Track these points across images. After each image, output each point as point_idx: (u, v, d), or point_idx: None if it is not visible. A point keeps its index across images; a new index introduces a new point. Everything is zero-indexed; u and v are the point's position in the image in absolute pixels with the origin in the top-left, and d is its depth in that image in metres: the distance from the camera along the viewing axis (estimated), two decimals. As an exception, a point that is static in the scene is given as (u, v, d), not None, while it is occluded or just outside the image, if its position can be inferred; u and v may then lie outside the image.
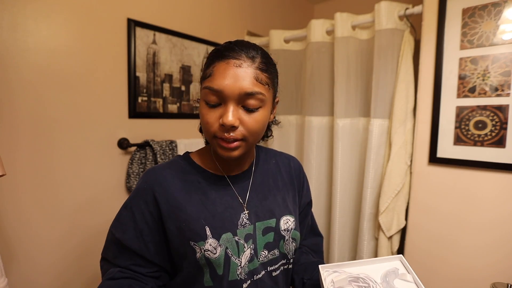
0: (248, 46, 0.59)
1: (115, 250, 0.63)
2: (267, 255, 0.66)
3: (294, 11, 2.22)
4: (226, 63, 0.56)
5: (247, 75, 0.56)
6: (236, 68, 0.56)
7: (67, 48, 1.12)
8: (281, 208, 0.71)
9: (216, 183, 0.66)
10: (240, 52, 0.57)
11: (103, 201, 1.25)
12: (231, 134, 0.57)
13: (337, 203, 1.45)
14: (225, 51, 0.58)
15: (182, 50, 1.49)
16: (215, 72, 0.57)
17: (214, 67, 0.58)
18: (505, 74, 1.06)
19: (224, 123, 0.55)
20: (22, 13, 1.01)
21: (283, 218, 0.70)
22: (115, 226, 0.64)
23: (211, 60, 0.59)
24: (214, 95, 0.57)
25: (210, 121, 0.58)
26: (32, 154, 1.06)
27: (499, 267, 1.09)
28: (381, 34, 1.29)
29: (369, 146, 1.34)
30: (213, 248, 0.60)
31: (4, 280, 0.78)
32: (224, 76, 0.56)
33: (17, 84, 1.02)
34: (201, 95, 0.60)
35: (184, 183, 0.64)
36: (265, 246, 0.66)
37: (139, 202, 0.62)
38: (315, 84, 1.52)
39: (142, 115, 1.35)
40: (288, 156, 0.83)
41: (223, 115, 0.56)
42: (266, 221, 0.67)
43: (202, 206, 0.62)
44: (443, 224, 1.21)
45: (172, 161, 0.69)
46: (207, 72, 0.59)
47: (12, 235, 1.03)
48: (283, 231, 0.69)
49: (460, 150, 1.15)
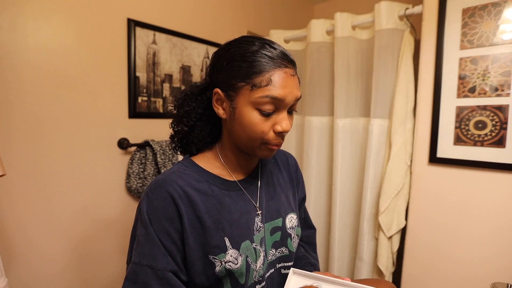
0: (286, 50, 0.60)
1: (153, 279, 0.55)
2: (275, 253, 0.67)
3: (294, 11, 2.22)
4: (284, 72, 0.57)
5: (297, 83, 0.60)
6: (292, 77, 0.58)
7: (67, 48, 1.12)
8: (286, 207, 0.72)
9: (228, 189, 0.64)
10: (291, 61, 0.59)
11: (103, 201, 1.25)
12: (283, 136, 0.60)
13: (337, 203, 1.45)
14: (279, 59, 0.57)
15: (182, 50, 1.49)
16: (275, 81, 0.56)
17: (271, 76, 0.55)
18: (505, 74, 1.06)
19: (285, 130, 0.58)
20: (22, 13, 1.01)
21: (288, 216, 0.71)
22: (142, 256, 0.55)
23: (263, 67, 0.55)
24: (273, 104, 0.57)
25: (265, 129, 0.58)
26: (32, 154, 1.06)
27: (499, 266, 1.09)
28: (381, 34, 1.29)
29: (369, 146, 1.34)
30: (234, 258, 0.59)
31: (4, 280, 0.78)
32: (285, 85, 0.56)
33: (16, 84, 1.02)
34: (249, 102, 0.57)
35: (200, 193, 0.60)
36: (273, 245, 0.67)
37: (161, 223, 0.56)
38: (315, 84, 1.52)
39: (142, 115, 1.35)
40: (285, 152, 0.83)
41: (281, 122, 0.58)
42: (274, 221, 0.68)
43: (219, 215, 0.60)
44: (443, 224, 1.20)
45: (178, 170, 0.63)
46: (262, 80, 0.55)
47: (12, 235, 1.03)
48: (289, 229, 0.70)
49: (460, 150, 1.15)
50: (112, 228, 1.29)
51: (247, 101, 0.57)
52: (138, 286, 0.54)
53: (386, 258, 1.31)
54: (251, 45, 0.57)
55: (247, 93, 0.56)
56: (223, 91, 0.60)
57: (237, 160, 0.67)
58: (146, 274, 0.54)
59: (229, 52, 0.59)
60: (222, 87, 0.60)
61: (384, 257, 1.31)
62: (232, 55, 0.58)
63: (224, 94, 0.60)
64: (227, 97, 0.59)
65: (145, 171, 1.31)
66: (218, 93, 0.60)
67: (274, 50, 0.57)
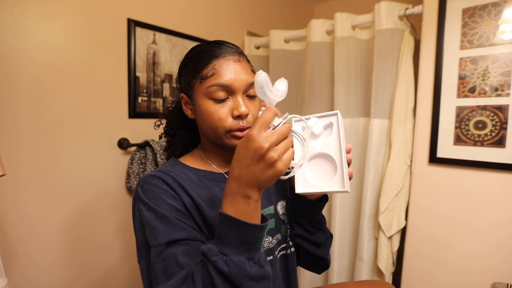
0: (233, 44, 0.66)
1: (177, 252, 0.55)
2: (272, 240, 0.67)
3: (294, 11, 2.22)
4: (227, 59, 0.61)
5: (246, 68, 0.63)
6: (236, 63, 0.62)
7: (67, 48, 1.12)
8: (276, 194, 0.73)
9: (215, 180, 0.67)
10: (232, 49, 0.64)
11: (103, 201, 1.25)
12: (245, 122, 0.61)
13: (337, 203, 1.45)
14: (218, 50, 0.62)
15: (182, 50, 1.49)
16: (218, 69, 0.60)
17: (215, 66, 0.61)
18: (505, 74, 1.06)
19: (241, 113, 0.59)
20: (22, 13, 1.01)
21: (280, 203, 0.72)
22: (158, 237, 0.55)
23: (206, 60, 0.62)
24: (223, 90, 0.60)
25: (222, 116, 0.60)
26: (32, 154, 1.06)
27: (499, 266, 1.09)
28: (381, 34, 1.29)
29: (369, 146, 1.34)
30: None
31: (4, 280, 0.78)
32: (230, 71, 0.60)
33: (17, 84, 1.02)
34: (202, 95, 0.62)
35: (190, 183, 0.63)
36: (268, 232, 0.67)
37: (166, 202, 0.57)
38: (315, 84, 1.52)
39: (142, 115, 1.35)
40: None
41: (236, 107, 0.60)
42: (266, 209, 0.69)
43: (213, 203, 0.62)
44: (443, 224, 1.20)
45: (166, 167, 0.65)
46: (207, 72, 0.61)
47: (12, 235, 1.03)
48: (281, 216, 0.71)
49: (460, 150, 1.15)
50: (112, 228, 1.29)
51: (200, 94, 0.62)
52: (167, 264, 0.53)
53: (386, 258, 1.31)
54: (198, 47, 0.66)
55: (199, 87, 0.62)
56: (186, 94, 0.66)
57: (219, 155, 0.70)
58: (168, 250, 0.54)
59: (184, 60, 0.67)
60: (185, 91, 0.67)
61: (384, 257, 1.31)
62: (186, 61, 0.67)
63: (187, 96, 0.66)
64: (189, 98, 0.66)
65: (145, 171, 1.31)
66: (183, 97, 0.67)
67: (216, 44, 0.64)
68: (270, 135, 0.45)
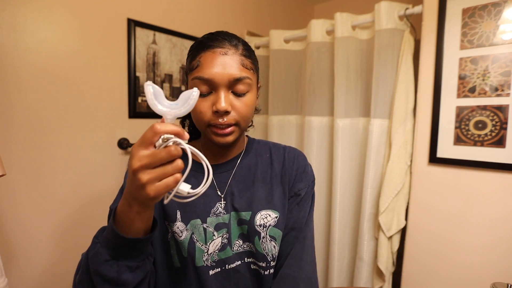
0: (230, 35, 0.63)
1: None
2: (242, 245, 0.65)
3: (294, 11, 2.22)
4: (213, 52, 0.59)
5: (234, 62, 0.59)
6: (223, 56, 0.59)
7: (67, 48, 1.12)
8: (263, 202, 0.67)
9: (196, 170, 0.62)
10: (224, 41, 0.61)
11: (102, 201, 1.25)
12: (225, 119, 0.59)
13: (337, 203, 1.44)
14: (209, 41, 0.60)
15: (182, 50, 1.49)
16: (202, 62, 0.59)
17: (200, 58, 0.60)
18: (505, 74, 1.06)
19: (218, 109, 0.57)
20: (21, 13, 1.01)
21: (261, 212, 0.66)
22: None
23: (196, 51, 0.61)
24: (205, 84, 0.59)
25: (203, 110, 0.59)
26: (32, 154, 1.06)
27: (499, 266, 1.09)
28: (381, 34, 1.29)
29: (369, 146, 1.34)
30: (180, 231, 0.62)
31: (4, 280, 0.78)
32: (212, 64, 0.58)
33: (16, 84, 1.02)
34: (189, 87, 0.61)
35: None
36: (239, 236, 0.66)
37: None
38: (315, 84, 1.52)
39: (142, 115, 1.35)
40: (286, 147, 0.76)
41: (216, 102, 0.58)
42: (241, 213, 0.66)
43: None
44: (443, 224, 1.21)
45: None
46: (194, 63, 0.60)
47: (12, 235, 1.03)
48: (257, 226, 0.64)
49: (460, 150, 1.15)
50: (112, 228, 1.29)
51: (189, 86, 0.61)
52: None
53: (386, 258, 1.31)
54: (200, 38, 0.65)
55: (189, 78, 0.62)
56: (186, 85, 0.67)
57: (209, 147, 0.70)
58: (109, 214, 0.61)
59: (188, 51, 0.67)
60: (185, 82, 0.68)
61: (384, 257, 1.31)
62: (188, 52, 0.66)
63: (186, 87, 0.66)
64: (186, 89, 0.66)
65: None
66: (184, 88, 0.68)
67: (211, 35, 0.62)
68: (145, 156, 0.40)
